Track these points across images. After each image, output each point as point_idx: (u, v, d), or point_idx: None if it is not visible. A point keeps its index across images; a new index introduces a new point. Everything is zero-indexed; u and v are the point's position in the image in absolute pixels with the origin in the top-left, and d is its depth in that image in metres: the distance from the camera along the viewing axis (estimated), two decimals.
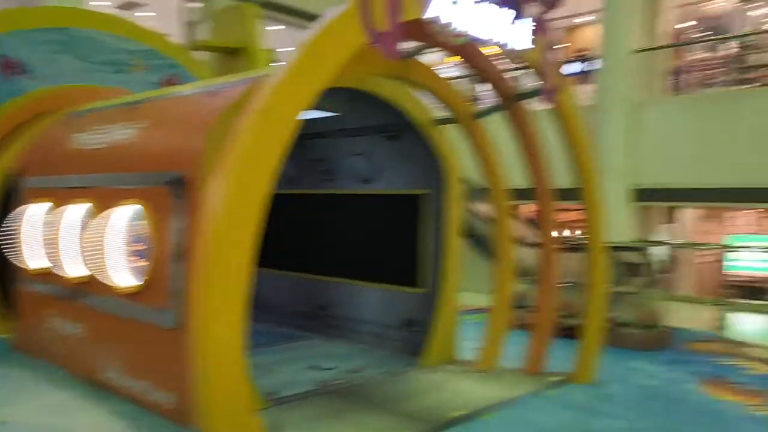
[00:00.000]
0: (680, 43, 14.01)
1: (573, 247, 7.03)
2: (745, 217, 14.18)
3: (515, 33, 4.92)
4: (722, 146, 9.98)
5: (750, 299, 10.98)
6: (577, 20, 15.83)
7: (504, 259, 6.01)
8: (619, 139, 10.93)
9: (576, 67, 13.57)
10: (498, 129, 5.87)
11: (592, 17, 13.60)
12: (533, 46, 5.06)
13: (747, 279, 12.59)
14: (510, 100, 5.69)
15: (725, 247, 13.21)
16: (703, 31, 15.48)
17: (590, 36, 15.11)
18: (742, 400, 5.25)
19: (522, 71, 5.89)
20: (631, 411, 4.96)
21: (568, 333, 6.15)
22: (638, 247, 8.60)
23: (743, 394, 5.41)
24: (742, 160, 9.78)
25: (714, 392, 5.47)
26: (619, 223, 10.65)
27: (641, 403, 5.16)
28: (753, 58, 13.21)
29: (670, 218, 13.09)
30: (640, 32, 11.39)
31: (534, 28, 5.06)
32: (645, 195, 10.82)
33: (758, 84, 12.49)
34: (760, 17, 15.31)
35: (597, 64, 11.78)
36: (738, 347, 7.12)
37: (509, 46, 4.89)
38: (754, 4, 15.07)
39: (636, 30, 11.28)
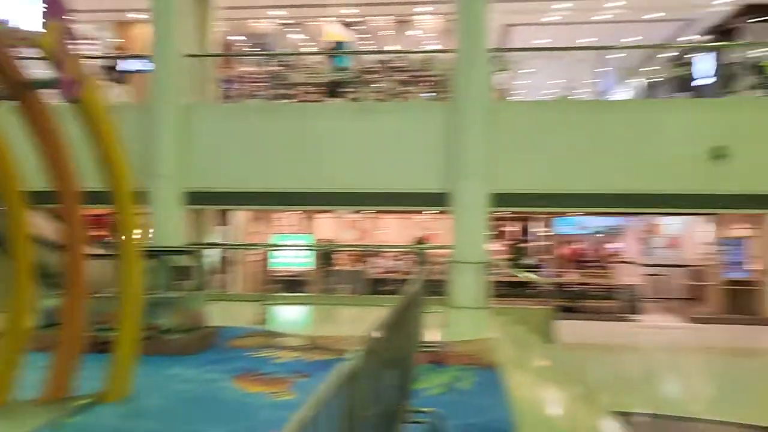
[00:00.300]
0: (228, 53, 14.86)
1: (107, 254, 6.56)
2: (287, 218, 15.87)
3: (21, 11, 4.26)
4: (260, 153, 10.82)
5: (290, 292, 12.26)
6: (130, 15, 15.25)
7: (21, 273, 5.18)
8: (170, 142, 10.84)
9: (126, 64, 12.99)
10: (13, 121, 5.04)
11: (145, 15, 13.21)
12: (45, 31, 4.47)
13: (288, 274, 14.09)
14: (21, 89, 4.93)
15: (272, 246, 14.52)
16: (251, 47, 16.80)
17: (143, 34, 14.72)
18: (266, 389, 5.67)
19: (40, 58, 5.18)
20: (163, 422, 4.83)
21: (104, 348, 5.68)
22: (189, 250, 8.63)
23: (269, 383, 5.85)
24: (280, 168, 10.81)
25: (244, 386, 5.78)
26: (171, 226, 10.58)
27: (174, 411, 5.08)
28: (292, 77, 14.89)
29: (223, 221, 13.69)
30: (191, 38, 11.54)
31: (46, 10, 4.47)
32: (197, 198, 10.98)
33: (296, 99, 14.11)
34: (299, 41, 17.44)
35: (148, 64, 11.48)
36: (273, 338, 7.76)
37: (11, 25, 4.20)
38: (294, 29, 17.08)
39: (186, 35, 11.37)
